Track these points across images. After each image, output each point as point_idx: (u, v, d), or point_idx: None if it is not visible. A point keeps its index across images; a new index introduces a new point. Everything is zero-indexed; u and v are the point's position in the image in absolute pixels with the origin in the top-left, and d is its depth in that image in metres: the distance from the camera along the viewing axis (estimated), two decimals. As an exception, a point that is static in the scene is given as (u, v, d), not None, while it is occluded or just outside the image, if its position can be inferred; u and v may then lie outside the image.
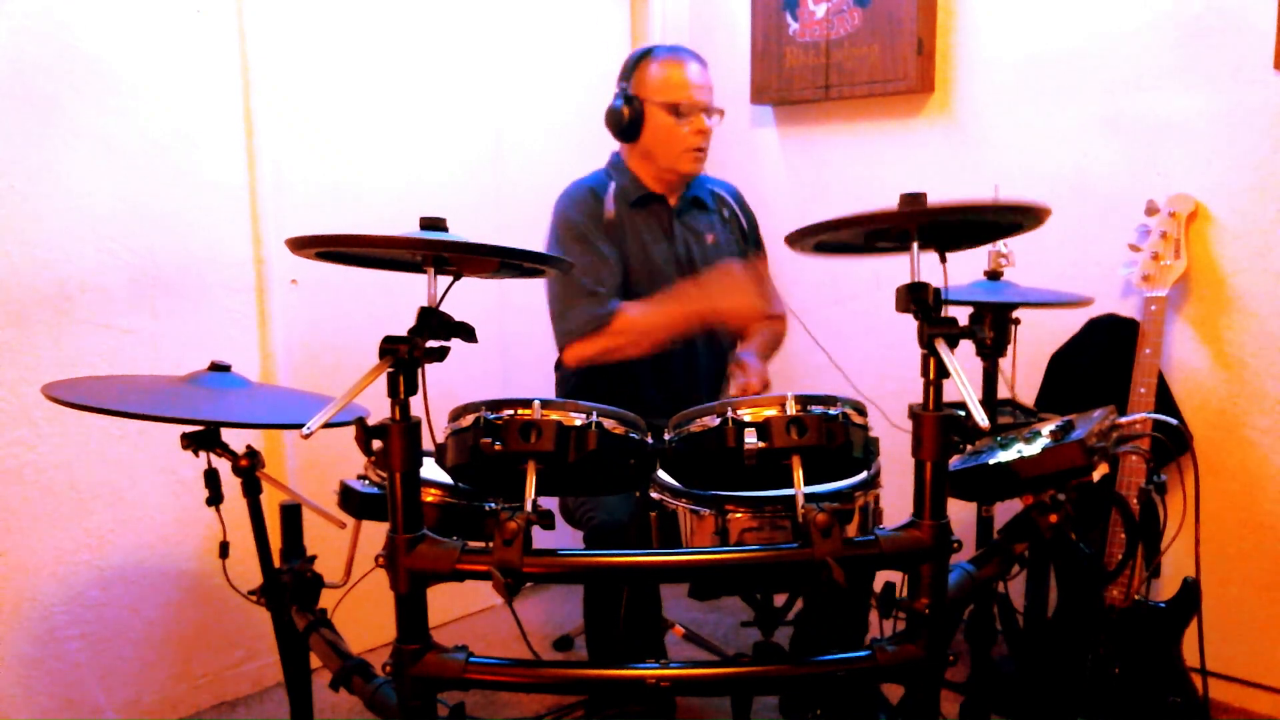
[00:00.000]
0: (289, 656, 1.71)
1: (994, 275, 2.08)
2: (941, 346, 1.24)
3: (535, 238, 2.24)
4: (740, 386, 2.08)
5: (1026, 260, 2.20)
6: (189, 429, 1.58)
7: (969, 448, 1.59)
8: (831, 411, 1.33)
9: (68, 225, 2.06)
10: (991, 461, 1.47)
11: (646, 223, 2.20)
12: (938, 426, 1.27)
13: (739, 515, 1.43)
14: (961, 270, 1.60)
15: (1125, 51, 2.32)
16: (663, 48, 2.21)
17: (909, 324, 1.29)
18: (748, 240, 2.35)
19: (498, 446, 1.29)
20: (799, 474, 1.30)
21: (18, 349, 2.01)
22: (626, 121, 2.14)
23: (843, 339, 2.87)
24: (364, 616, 2.01)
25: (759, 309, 2.12)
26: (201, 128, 2.23)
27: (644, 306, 2.09)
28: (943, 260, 1.38)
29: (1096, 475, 1.46)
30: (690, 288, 2.11)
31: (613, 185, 2.19)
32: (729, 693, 1.56)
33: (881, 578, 1.36)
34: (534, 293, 2.24)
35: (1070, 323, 2.40)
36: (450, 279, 1.39)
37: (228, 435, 1.61)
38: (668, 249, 2.20)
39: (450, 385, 1.51)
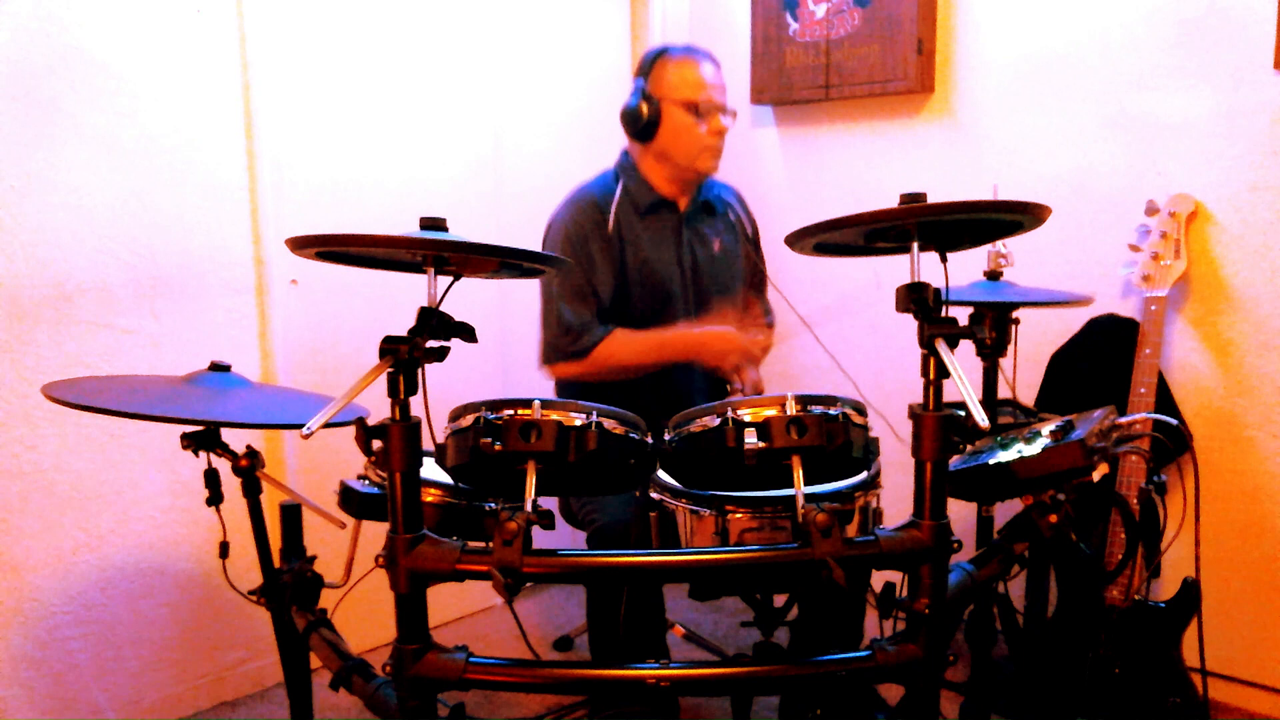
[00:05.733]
0: (289, 656, 1.71)
1: (994, 275, 2.08)
2: (941, 346, 1.24)
3: (535, 238, 2.24)
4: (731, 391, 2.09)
5: (1026, 260, 2.20)
6: (189, 429, 1.58)
7: (969, 448, 1.60)
8: (831, 411, 1.32)
9: (68, 225, 2.06)
10: (991, 461, 1.47)
11: (652, 229, 2.18)
12: (938, 426, 1.27)
13: (739, 515, 1.43)
14: (961, 270, 1.60)
15: (1125, 51, 2.32)
16: (678, 47, 2.18)
17: (909, 324, 1.29)
18: (752, 245, 2.35)
19: (498, 446, 1.29)
20: (799, 474, 1.30)
21: (18, 349, 2.01)
22: (644, 121, 2.12)
23: (843, 339, 2.88)
24: (364, 616, 2.01)
25: (741, 360, 2.11)
26: (201, 128, 2.23)
27: (626, 344, 2.09)
28: (943, 260, 1.38)
29: (1096, 475, 1.46)
30: (679, 336, 2.12)
31: (619, 191, 2.17)
32: (729, 693, 1.56)
33: (881, 578, 1.36)
34: (534, 293, 2.24)
35: (1070, 323, 2.40)
36: (450, 279, 1.39)
37: (228, 435, 1.61)
38: (672, 257, 2.19)
39: (450, 385, 1.51)
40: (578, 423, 1.32)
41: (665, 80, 2.13)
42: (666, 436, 1.42)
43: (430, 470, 1.44)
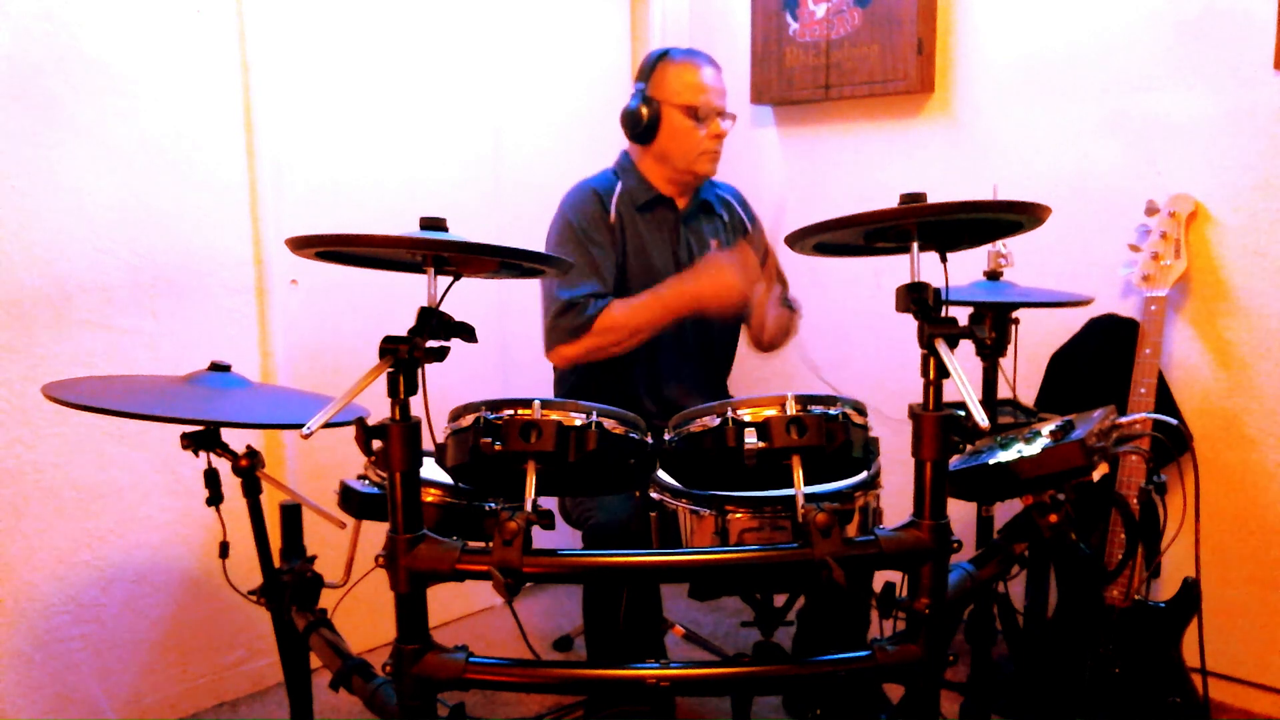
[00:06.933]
0: (289, 656, 1.71)
1: (994, 275, 2.08)
2: (941, 346, 1.24)
3: (535, 238, 2.24)
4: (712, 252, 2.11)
5: (1026, 260, 2.20)
6: (189, 429, 1.58)
7: (969, 448, 1.60)
8: (831, 411, 1.33)
9: (68, 225, 2.06)
10: (991, 461, 1.47)
11: (651, 227, 2.19)
12: (938, 426, 1.27)
13: (739, 515, 1.43)
14: (961, 270, 1.60)
15: (1125, 51, 2.32)
16: (679, 50, 2.19)
17: (909, 324, 1.29)
18: (750, 245, 2.34)
19: (498, 446, 1.29)
20: (799, 474, 1.30)
21: (18, 349, 2.01)
22: (644, 123, 2.13)
23: (843, 339, 2.88)
24: (364, 616, 2.01)
25: (743, 292, 2.07)
26: (201, 128, 2.23)
27: (627, 304, 2.08)
28: (943, 260, 1.38)
29: (1096, 475, 1.46)
30: (675, 280, 2.10)
31: (619, 188, 2.19)
32: (729, 693, 1.56)
33: (881, 578, 1.36)
34: (534, 293, 2.24)
35: (1070, 323, 2.40)
36: (450, 279, 1.39)
37: (228, 435, 1.61)
38: (670, 255, 2.20)
39: (450, 385, 1.51)
40: (578, 423, 1.32)
41: (665, 83, 2.14)
42: (666, 436, 1.42)
43: (430, 470, 1.44)
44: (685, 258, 2.21)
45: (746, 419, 1.32)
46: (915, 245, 1.33)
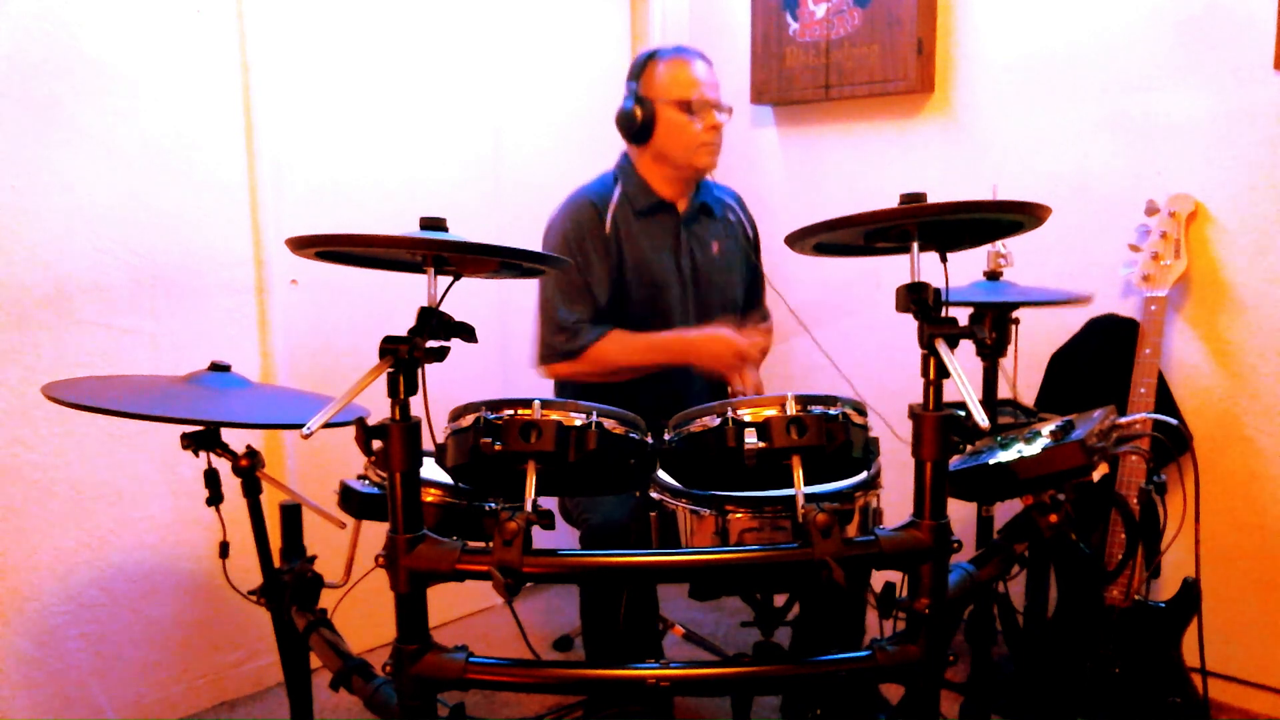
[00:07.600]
0: (289, 656, 1.71)
1: (993, 275, 2.08)
2: (941, 346, 1.24)
3: (535, 238, 2.24)
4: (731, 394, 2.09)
5: (1026, 260, 2.20)
6: (189, 429, 1.58)
7: (969, 448, 1.60)
8: (831, 411, 1.33)
9: (68, 225, 2.06)
10: (991, 461, 1.47)
11: (650, 232, 2.18)
12: (938, 426, 1.27)
13: (739, 515, 1.43)
14: (961, 270, 1.60)
15: (1125, 51, 2.32)
16: (667, 48, 2.19)
17: (909, 324, 1.29)
18: (752, 247, 2.35)
19: (498, 446, 1.29)
20: (799, 474, 1.30)
21: (18, 349, 2.01)
22: (639, 123, 2.13)
23: (842, 339, 2.87)
24: (364, 616, 2.01)
25: (736, 369, 2.08)
26: (201, 128, 2.23)
27: (623, 343, 2.09)
28: (943, 260, 1.38)
29: (1096, 475, 1.46)
30: (677, 334, 2.11)
31: (617, 193, 2.18)
32: (729, 693, 1.56)
33: (881, 578, 1.36)
34: (534, 293, 2.23)
35: (1070, 323, 2.40)
36: (450, 279, 1.39)
37: (228, 435, 1.61)
38: (671, 259, 2.19)
39: (450, 385, 1.51)
40: (578, 423, 1.32)
41: (656, 81, 2.14)
42: (666, 436, 1.42)
43: (430, 470, 1.44)
44: (687, 263, 2.21)
45: (746, 419, 1.32)
46: (915, 245, 1.33)
